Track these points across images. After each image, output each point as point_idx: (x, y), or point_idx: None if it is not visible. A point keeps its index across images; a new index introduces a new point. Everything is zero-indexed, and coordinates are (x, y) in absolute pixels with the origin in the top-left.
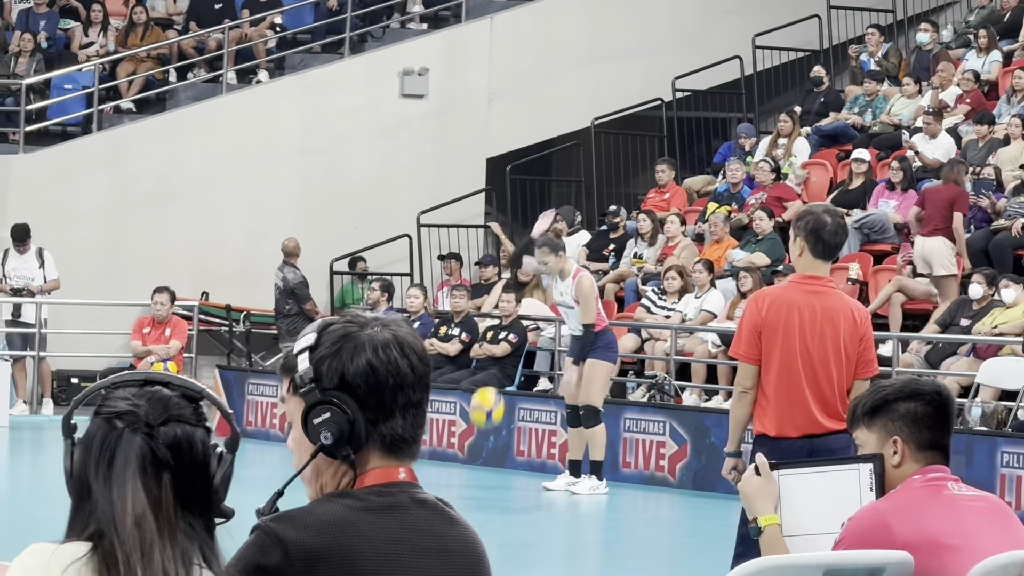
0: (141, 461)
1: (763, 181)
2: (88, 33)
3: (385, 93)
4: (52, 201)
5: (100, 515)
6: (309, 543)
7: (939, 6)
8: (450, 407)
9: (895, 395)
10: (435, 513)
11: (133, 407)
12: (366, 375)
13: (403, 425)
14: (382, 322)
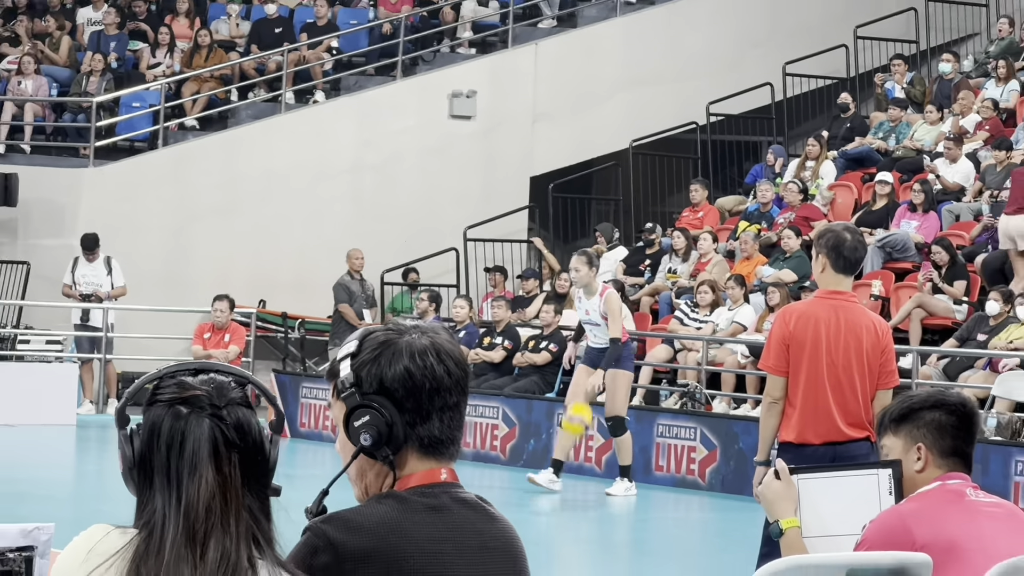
0: (213, 443)
1: (791, 201)
2: (155, 54)
3: (435, 114)
4: (120, 212)
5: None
6: (357, 544)
7: (961, 37)
8: (493, 412)
9: (921, 404)
10: (476, 512)
11: (199, 392)
12: (403, 380)
13: (440, 427)
14: (421, 329)
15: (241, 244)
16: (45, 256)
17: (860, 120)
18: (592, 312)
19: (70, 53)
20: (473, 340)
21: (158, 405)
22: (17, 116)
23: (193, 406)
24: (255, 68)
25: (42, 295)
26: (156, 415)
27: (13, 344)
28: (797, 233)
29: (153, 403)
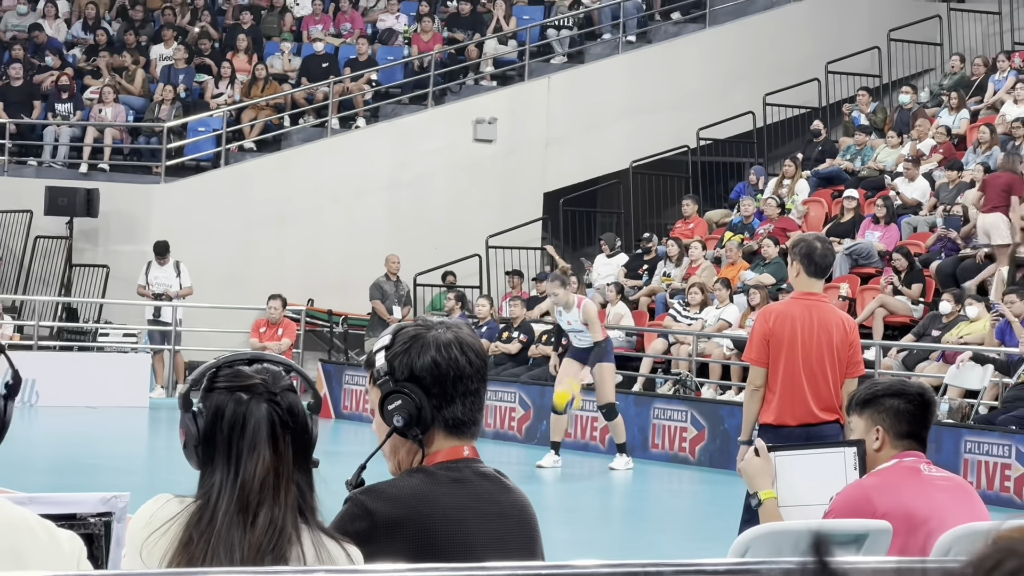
0: (270, 425)
1: (770, 215)
2: (218, 85)
3: (461, 138)
4: (187, 223)
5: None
6: (391, 513)
7: (918, 72)
8: (511, 396)
9: (883, 392)
10: (494, 483)
11: (256, 380)
12: (431, 369)
13: (463, 410)
14: (446, 325)
15: (292, 250)
16: (122, 261)
17: (830, 144)
18: (573, 322)
19: (144, 84)
20: (493, 334)
21: (220, 391)
22: (98, 139)
23: (252, 392)
24: (305, 98)
25: (119, 294)
26: (220, 400)
27: (95, 337)
28: (775, 242)
29: (214, 389)
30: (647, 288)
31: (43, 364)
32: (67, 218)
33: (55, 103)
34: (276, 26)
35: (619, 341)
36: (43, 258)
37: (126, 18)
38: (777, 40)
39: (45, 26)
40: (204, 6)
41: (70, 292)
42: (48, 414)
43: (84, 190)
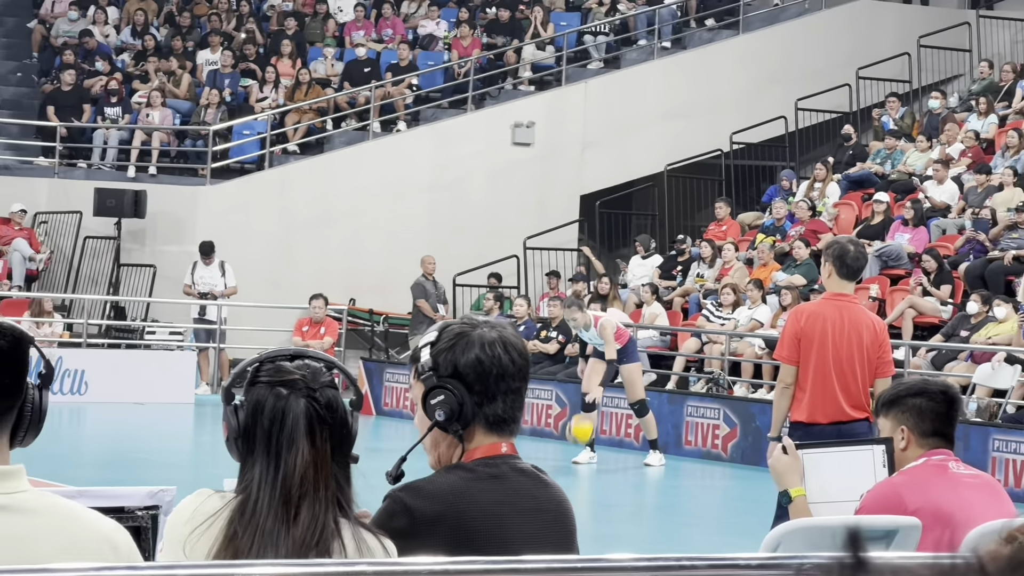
0: (309, 420)
1: (802, 217)
2: (263, 89)
3: (499, 141)
4: (232, 223)
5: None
6: (430, 509)
7: (947, 78)
8: (548, 394)
9: (907, 391)
10: (531, 479)
11: (297, 376)
12: (475, 366)
13: (503, 408)
14: (491, 324)
15: (334, 251)
16: (169, 260)
17: (860, 148)
18: (594, 339)
19: (190, 88)
20: (531, 333)
21: (261, 386)
22: (146, 142)
23: (292, 388)
24: (347, 102)
25: (166, 293)
26: (260, 394)
27: (142, 335)
28: (806, 244)
29: (256, 383)
30: (681, 289)
31: (92, 361)
32: (115, 219)
33: (104, 107)
34: (319, 32)
35: (653, 340)
36: (92, 258)
37: (174, 24)
38: (809, 46)
39: (95, 32)
40: (249, 12)
41: (118, 291)
42: (97, 410)
43: (132, 192)
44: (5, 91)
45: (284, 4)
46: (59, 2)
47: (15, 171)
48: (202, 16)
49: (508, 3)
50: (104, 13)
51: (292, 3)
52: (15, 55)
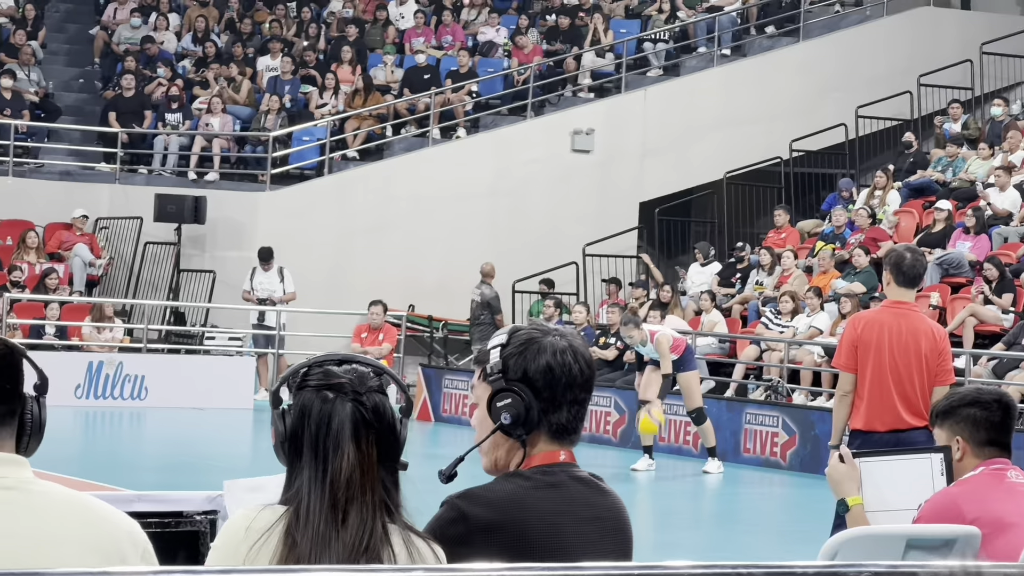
0: (354, 424)
1: (862, 225)
2: (323, 96)
3: (559, 148)
4: (291, 229)
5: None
6: (487, 517)
7: (1010, 85)
8: (606, 401)
9: (960, 402)
10: (589, 487)
11: (343, 380)
12: (544, 373)
13: (568, 417)
14: (560, 333)
15: (393, 257)
16: (228, 266)
17: (922, 156)
18: (651, 353)
19: (250, 95)
20: (590, 340)
21: (308, 390)
22: (206, 148)
23: (338, 392)
24: (407, 108)
25: (225, 299)
26: (306, 398)
27: (201, 340)
28: (866, 252)
29: (303, 388)
30: (740, 296)
31: (152, 367)
32: (175, 225)
33: (165, 113)
34: (379, 38)
35: (712, 348)
36: (152, 263)
37: (234, 31)
38: (870, 53)
39: (156, 38)
40: (310, 19)
41: (178, 297)
42: (156, 415)
43: (192, 197)
44: (67, 97)
45: (345, 11)
46: (121, 9)
47: (77, 177)
48: (262, 23)
49: (568, 10)
50: (165, 20)
51: (353, 10)
52: (77, 61)
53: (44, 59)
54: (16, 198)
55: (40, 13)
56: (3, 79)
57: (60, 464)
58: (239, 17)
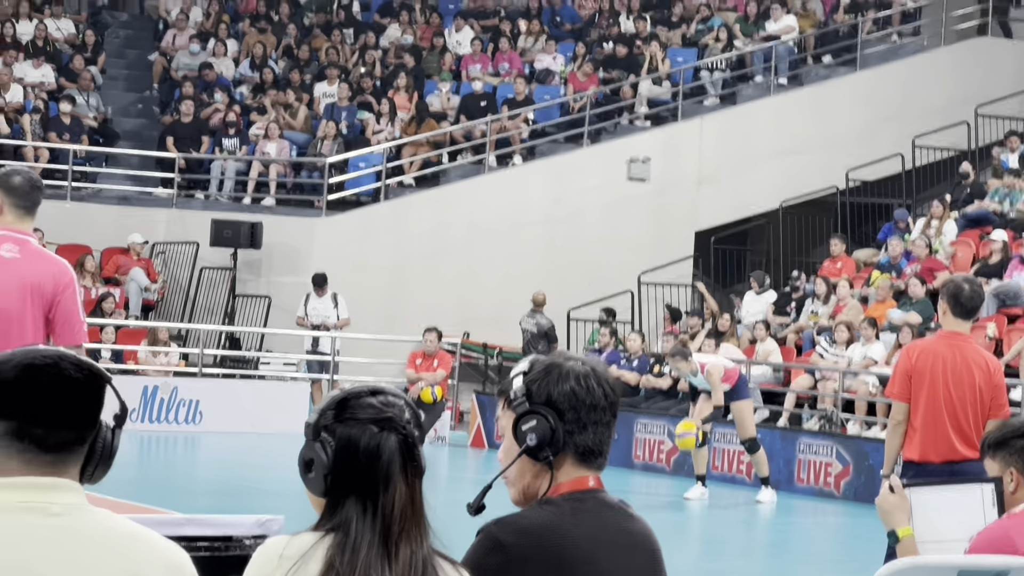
0: (402, 457)
1: (918, 255)
2: (379, 122)
3: (614, 176)
4: (347, 255)
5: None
6: (523, 544)
7: None
8: (660, 430)
9: (1013, 433)
10: (619, 513)
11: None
12: (568, 395)
13: (593, 439)
14: (581, 359)
15: (448, 283)
16: (284, 291)
17: (979, 186)
18: (703, 384)
19: (307, 121)
20: (644, 368)
21: (352, 423)
22: (263, 173)
23: (384, 426)
24: (463, 135)
25: (281, 324)
26: (353, 432)
27: (256, 365)
28: (922, 282)
29: (344, 420)
30: (795, 325)
31: (207, 391)
32: (231, 249)
33: (222, 138)
34: (436, 65)
35: (766, 377)
36: (208, 288)
37: (292, 57)
38: (927, 83)
39: (215, 64)
40: (367, 45)
41: (233, 321)
42: (211, 439)
43: (248, 223)
44: (126, 122)
45: (404, 38)
46: (180, 35)
47: (134, 201)
48: (320, 49)
49: (625, 38)
50: (224, 46)
51: (412, 36)
52: (136, 87)
53: (103, 84)
54: (74, 222)
55: (100, 39)
56: (63, 104)
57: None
58: (296, 43)
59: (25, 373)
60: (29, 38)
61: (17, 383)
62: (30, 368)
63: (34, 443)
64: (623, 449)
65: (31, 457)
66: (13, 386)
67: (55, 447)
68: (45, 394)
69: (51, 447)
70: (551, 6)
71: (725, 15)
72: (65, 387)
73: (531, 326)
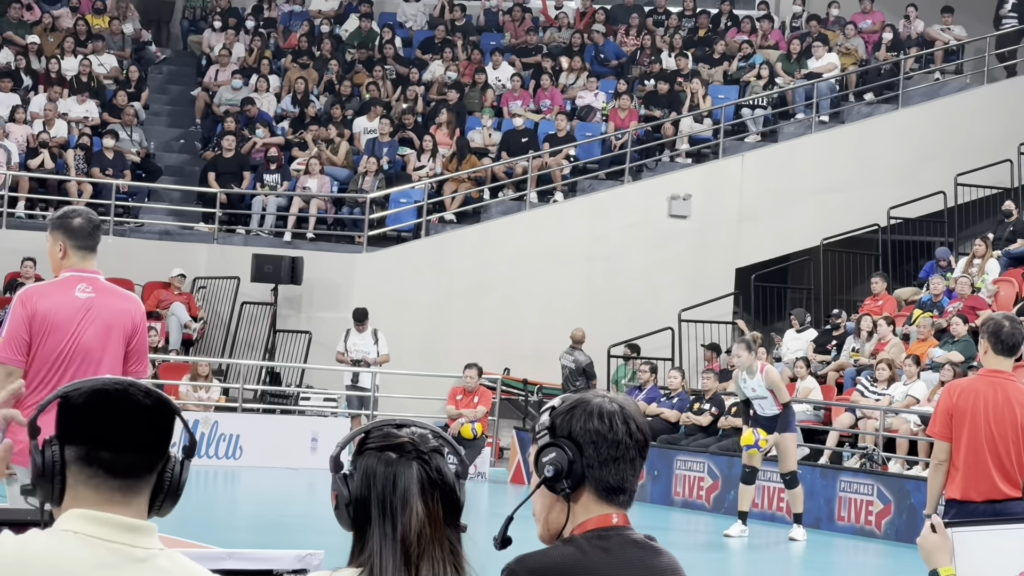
0: (420, 482)
1: (961, 293)
2: (420, 158)
3: (655, 213)
4: (387, 291)
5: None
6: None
7: None
8: (700, 467)
9: None
10: (644, 549)
11: (405, 440)
12: (589, 431)
13: (613, 475)
14: (612, 397)
15: (489, 320)
16: (324, 327)
17: (1021, 224)
18: (758, 388)
19: (348, 156)
20: (684, 405)
21: (370, 453)
22: (303, 209)
23: (401, 452)
24: (504, 171)
25: (321, 359)
26: (370, 462)
27: (296, 400)
28: (964, 320)
29: (365, 451)
30: (835, 363)
31: (247, 426)
32: (272, 285)
33: (263, 174)
34: (477, 101)
35: (807, 415)
36: (249, 323)
37: (333, 92)
38: (969, 121)
39: (256, 100)
40: (410, 81)
41: (274, 357)
42: (251, 474)
43: (289, 258)
44: (168, 158)
45: (448, 74)
46: (223, 71)
47: (176, 236)
48: (361, 85)
49: (666, 75)
50: (266, 81)
51: (456, 73)
52: (179, 122)
53: (146, 120)
54: (116, 257)
55: (143, 75)
56: (106, 139)
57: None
58: (338, 79)
59: (94, 398)
60: (73, 74)
61: (86, 407)
62: (99, 394)
63: (102, 468)
64: (663, 486)
65: (100, 483)
66: (82, 410)
67: (123, 472)
68: (112, 417)
69: (119, 472)
70: (593, 43)
71: (767, 52)
72: (132, 411)
73: (569, 362)
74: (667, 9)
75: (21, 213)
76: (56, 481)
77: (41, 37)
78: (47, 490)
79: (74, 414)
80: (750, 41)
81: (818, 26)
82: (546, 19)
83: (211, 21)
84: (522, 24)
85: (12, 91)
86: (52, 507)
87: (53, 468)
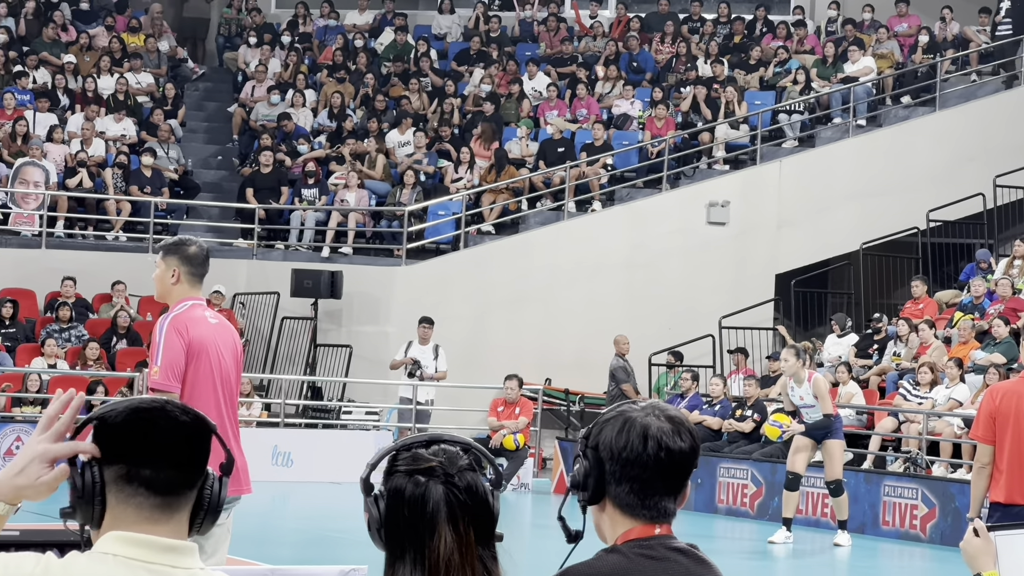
0: (449, 506)
1: (1002, 295)
2: (458, 170)
3: (694, 220)
4: (427, 304)
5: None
6: None
7: None
8: (743, 474)
9: None
10: (688, 557)
11: (433, 463)
12: (610, 446)
13: (628, 494)
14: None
15: (529, 330)
16: (364, 340)
17: None
18: (806, 397)
19: (385, 169)
20: (726, 412)
21: (398, 475)
22: (342, 223)
23: (429, 475)
24: (542, 181)
25: (362, 373)
26: (398, 483)
27: (338, 414)
28: (1006, 322)
29: (394, 472)
30: (877, 368)
31: (289, 441)
32: (312, 299)
33: (301, 189)
34: (514, 112)
35: (849, 419)
36: (289, 338)
37: (369, 106)
38: (1007, 122)
39: (293, 115)
40: (446, 93)
41: (315, 371)
42: (293, 489)
43: (328, 272)
44: (206, 174)
45: (483, 86)
46: (259, 87)
47: (215, 253)
48: (397, 98)
49: (702, 82)
50: (302, 96)
51: (491, 85)
52: (216, 139)
53: (183, 137)
54: None
55: (180, 92)
56: (144, 157)
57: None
58: (374, 93)
59: (132, 416)
60: (110, 92)
61: (125, 426)
62: (137, 411)
63: (143, 485)
64: (707, 493)
65: (141, 501)
66: (121, 429)
67: (164, 489)
68: (151, 435)
69: (160, 489)
70: (628, 51)
71: (803, 58)
72: (170, 428)
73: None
74: (702, 16)
75: (60, 232)
76: (96, 502)
77: (77, 57)
78: (87, 512)
79: (113, 433)
80: (785, 47)
81: (853, 30)
82: (581, 28)
83: (246, 37)
84: (557, 34)
85: (49, 111)
86: (91, 529)
87: (93, 489)
